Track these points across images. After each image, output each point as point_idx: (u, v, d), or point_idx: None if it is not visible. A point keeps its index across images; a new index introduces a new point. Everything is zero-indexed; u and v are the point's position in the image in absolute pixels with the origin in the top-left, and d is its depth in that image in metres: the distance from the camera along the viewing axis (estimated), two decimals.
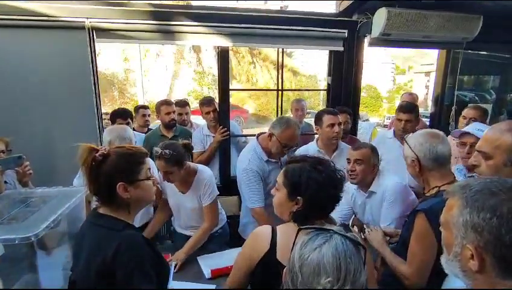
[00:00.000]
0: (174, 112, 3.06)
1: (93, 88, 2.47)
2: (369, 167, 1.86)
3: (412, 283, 1.32)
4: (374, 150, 1.91)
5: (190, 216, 2.13)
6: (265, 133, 2.12)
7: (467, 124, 2.48)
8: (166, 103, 3.09)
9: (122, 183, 1.10)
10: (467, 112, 2.54)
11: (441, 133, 1.45)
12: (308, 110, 4.27)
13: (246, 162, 2.06)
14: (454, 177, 1.45)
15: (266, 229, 1.18)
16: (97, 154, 1.10)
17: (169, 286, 1.71)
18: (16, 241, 1.19)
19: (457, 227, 0.72)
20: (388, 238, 1.60)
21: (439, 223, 0.83)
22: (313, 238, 0.76)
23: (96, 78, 2.49)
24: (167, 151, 1.82)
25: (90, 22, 2.37)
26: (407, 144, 1.46)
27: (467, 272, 0.73)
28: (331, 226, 0.80)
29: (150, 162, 1.22)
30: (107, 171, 1.10)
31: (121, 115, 3.00)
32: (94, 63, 2.45)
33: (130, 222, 1.16)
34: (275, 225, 1.19)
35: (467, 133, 1.79)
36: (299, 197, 1.09)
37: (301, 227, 0.81)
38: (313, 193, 1.08)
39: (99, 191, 1.13)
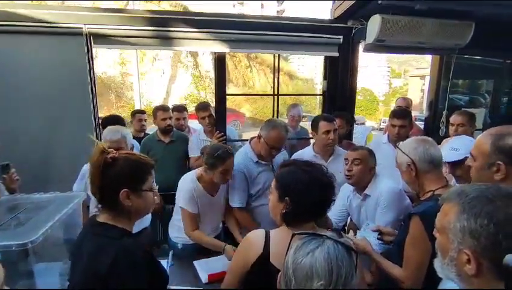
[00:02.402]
0: (170, 117, 3.07)
1: (91, 93, 2.49)
2: (366, 167, 1.88)
3: (407, 286, 1.34)
4: (371, 152, 1.95)
5: (217, 217, 2.19)
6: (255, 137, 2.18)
7: (455, 131, 2.53)
8: (162, 108, 3.09)
9: (126, 190, 1.09)
10: (454, 118, 2.57)
11: (430, 138, 1.49)
12: (304, 114, 4.29)
13: (235, 163, 2.09)
14: (447, 181, 1.48)
15: (259, 232, 1.20)
16: (108, 156, 1.09)
17: None
18: (13, 248, 1.19)
19: (454, 232, 0.74)
20: (379, 236, 1.62)
21: (433, 226, 0.85)
22: (306, 243, 0.78)
23: (93, 84, 2.50)
24: (229, 147, 2.00)
25: (87, 28, 2.39)
26: (401, 150, 1.48)
27: (463, 277, 0.75)
28: (324, 232, 0.82)
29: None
30: (113, 175, 1.09)
31: (112, 123, 2.99)
32: (92, 68, 2.47)
33: (128, 229, 1.15)
34: (258, 227, 1.21)
35: None
36: (286, 198, 1.13)
37: (295, 233, 0.84)
38: (298, 192, 1.11)
39: (103, 194, 1.12)
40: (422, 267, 1.29)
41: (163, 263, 1.94)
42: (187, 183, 2.02)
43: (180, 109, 3.48)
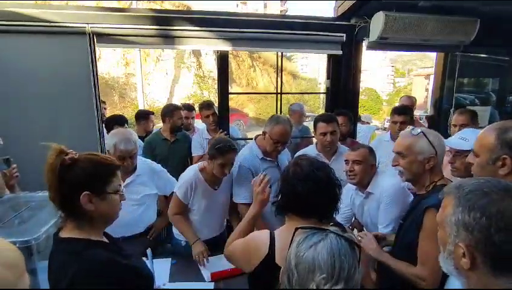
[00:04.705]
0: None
1: (94, 93, 2.49)
2: (367, 166, 1.87)
3: (430, 284, 1.25)
4: (371, 150, 1.94)
5: (221, 213, 2.19)
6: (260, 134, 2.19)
7: (459, 131, 2.45)
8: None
9: (87, 193, 1.00)
10: (455, 119, 2.48)
11: None
12: (308, 114, 4.28)
13: (240, 158, 2.12)
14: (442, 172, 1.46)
15: (264, 234, 1.19)
16: (66, 158, 1.01)
17: (165, 286, 1.72)
18: (17, 245, 1.19)
19: (450, 226, 0.74)
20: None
21: None
22: (308, 237, 0.78)
23: (96, 83, 2.50)
24: (233, 143, 1.99)
25: (90, 27, 2.39)
26: (428, 140, 1.37)
27: (460, 270, 0.75)
28: (328, 226, 0.81)
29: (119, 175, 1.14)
30: (73, 177, 1.01)
31: (117, 122, 3.02)
32: (95, 68, 2.47)
33: (94, 238, 1.05)
34: (263, 224, 1.21)
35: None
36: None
37: (298, 227, 0.83)
38: (288, 182, 1.15)
39: (62, 199, 1.02)
40: None
41: (166, 261, 1.95)
42: (189, 173, 2.07)
43: (190, 108, 3.59)
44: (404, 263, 1.36)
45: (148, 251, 1.65)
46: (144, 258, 1.53)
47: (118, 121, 3.07)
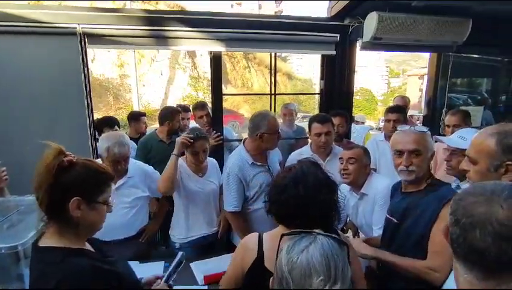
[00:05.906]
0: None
1: (85, 94, 2.45)
2: (361, 165, 1.87)
3: (442, 274, 1.20)
4: (365, 150, 1.94)
5: (211, 204, 2.23)
6: (247, 138, 2.16)
7: (452, 132, 2.46)
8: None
9: (77, 198, 0.98)
10: (448, 119, 2.48)
11: None
12: (304, 114, 4.25)
13: (229, 165, 2.10)
14: None
15: (253, 237, 1.18)
16: (65, 159, 0.98)
17: None
18: (3, 251, 1.18)
19: None
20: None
21: None
22: (298, 242, 0.77)
23: (88, 85, 2.47)
24: (203, 131, 2.19)
25: (81, 28, 2.36)
26: (431, 136, 1.48)
27: None
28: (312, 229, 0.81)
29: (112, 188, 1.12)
30: (67, 181, 0.98)
31: (107, 124, 3.00)
32: (86, 69, 2.44)
33: (75, 247, 1.02)
34: (251, 231, 1.20)
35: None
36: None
37: (284, 233, 0.82)
38: (274, 190, 1.13)
39: (50, 202, 0.99)
40: None
41: (159, 264, 1.93)
42: None
43: (186, 108, 3.58)
44: (409, 258, 1.33)
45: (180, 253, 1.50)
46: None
47: (109, 122, 3.04)
